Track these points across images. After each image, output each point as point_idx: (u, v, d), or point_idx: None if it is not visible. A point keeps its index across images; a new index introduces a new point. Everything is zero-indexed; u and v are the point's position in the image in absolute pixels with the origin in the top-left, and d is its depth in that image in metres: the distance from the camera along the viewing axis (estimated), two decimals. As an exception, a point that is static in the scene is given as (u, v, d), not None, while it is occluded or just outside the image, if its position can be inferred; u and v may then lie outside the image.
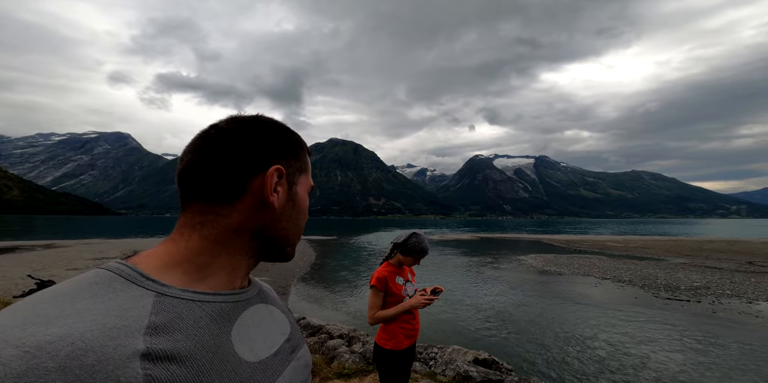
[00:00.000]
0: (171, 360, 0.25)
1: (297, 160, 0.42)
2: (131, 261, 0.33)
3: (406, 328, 1.82)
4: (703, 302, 7.95)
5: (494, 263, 15.12)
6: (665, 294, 8.79)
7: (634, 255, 17.98)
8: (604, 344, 5.35)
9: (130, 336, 0.24)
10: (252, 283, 0.44)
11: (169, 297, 0.30)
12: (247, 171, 0.36)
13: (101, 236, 30.61)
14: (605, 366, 4.53)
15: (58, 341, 0.22)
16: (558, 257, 17.01)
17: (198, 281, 0.34)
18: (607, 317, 6.83)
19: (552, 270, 12.70)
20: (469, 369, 3.37)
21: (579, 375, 4.28)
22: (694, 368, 4.50)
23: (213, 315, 0.32)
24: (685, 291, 9.04)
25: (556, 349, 5.16)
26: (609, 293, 9.00)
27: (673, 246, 23.06)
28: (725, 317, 6.80)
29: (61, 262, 13.16)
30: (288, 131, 0.43)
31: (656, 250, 20.55)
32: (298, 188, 0.42)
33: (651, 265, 13.91)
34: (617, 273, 11.79)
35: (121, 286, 0.28)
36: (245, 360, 0.32)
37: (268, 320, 0.42)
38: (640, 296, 8.61)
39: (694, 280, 10.53)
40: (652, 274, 11.62)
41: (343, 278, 11.28)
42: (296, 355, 0.43)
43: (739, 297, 8.41)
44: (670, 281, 10.40)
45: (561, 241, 28.34)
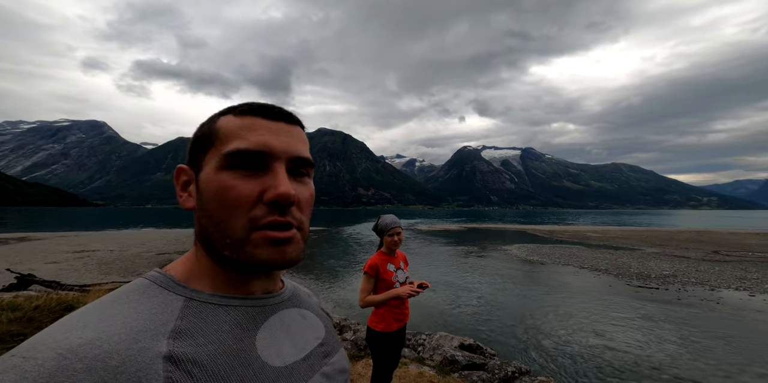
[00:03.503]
0: (193, 363, 0.26)
1: (201, 142, 0.35)
2: (165, 269, 0.35)
3: (395, 312, 2.00)
4: (671, 289, 8.56)
5: (480, 253, 15.62)
6: (637, 282, 9.39)
7: (611, 245, 18.91)
8: (579, 329, 5.75)
9: (155, 339, 0.26)
10: (285, 287, 0.43)
11: (197, 302, 0.31)
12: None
13: (79, 228, 29.51)
14: (578, 349, 4.90)
15: (87, 344, 0.23)
16: (540, 247, 17.71)
17: (220, 287, 0.34)
18: (583, 304, 7.28)
19: (535, 260, 13.25)
20: (455, 354, 3.60)
21: (555, 357, 4.62)
22: (656, 348, 4.94)
23: (238, 320, 0.33)
24: (655, 279, 9.68)
25: (535, 334, 5.51)
26: (586, 281, 9.53)
27: (648, 236, 24.35)
28: (689, 303, 7.36)
29: (38, 255, 12.74)
30: (201, 122, 0.38)
31: (632, 240, 21.66)
32: (202, 173, 0.34)
33: (626, 255, 14.71)
34: (594, 262, 12.43)
35: (155, 292, 0.30)
36: (269, 365, 0.32)
37: (300, 324, 0.41)
38: (614, 284, 9.16)
39: (663, 269, 11.25)
40: (626, 263, 12.32)
41: (332, 269, 11.44)
42: (329, 360, 0.42)
43: (703, 284, 9.08)
44: (642, 269, 11.08)
45: (544, 231, 29.36)
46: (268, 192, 0.32)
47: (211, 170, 0.33)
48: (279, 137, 0.34)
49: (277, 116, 0.36)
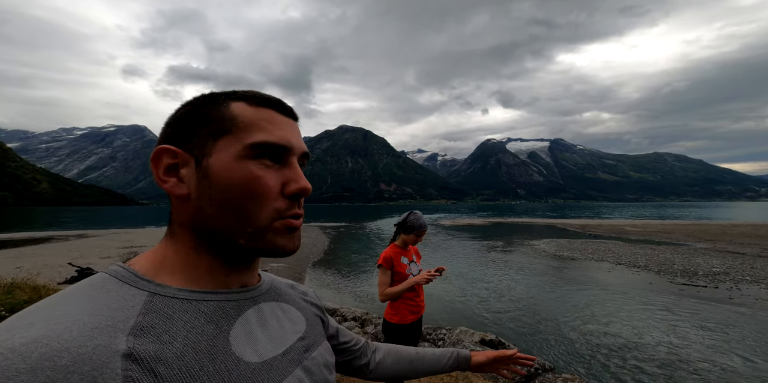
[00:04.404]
0: (156, 361, 0.25)
1: (206, 125, 0.33)
2: (128, 263, 0.33)
3: (410, 304, 1.99)
4: (721, 287, 7.80)
5: (505, 247, 15.13)
6: (681, 279, 8.66)
7: (652, 240, 17.56)
8: (613, 328, 5.41)
9: (112, 336, 0.24)
10: (263, 280, 0.41)
11: (162, 297, 0.29)
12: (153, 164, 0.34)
13: (127, 226, 32.23)
14: (612, 350, 4.61)
15: (32, 342, 0.22)
16: (572, 242, 16.82)
17: (196, 280, 0.33)
18: (618, 302, 6.84)
19: (565, 255, 12.63)
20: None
21: (583, 357, 4.39)
22: (703, 352, 4.53)
23: (210, 315, 0.31)
24: (703, 277, 8.87)
25: (561, 332, 5.26)
26: (622, 278, 8.94)
27: (695, 231, 22.32)
28: (742, 302, 6.67)
29: (94, 251, 14.08)
30: (190, 101, 0.35)
31: (676, 235, 19.97)
32: (213, 160, 0.32)
33: (669, 250, 13.60)
34: (633, 258, 11.62)
35: (114, 287, 0.28)
36: (244, 361, 0.31)
37: (279, 318, 0.40)
38: (655, 281, 8.51)
39: (713, 265, 10.28)
40: (669, 259, 11.39)
41: (354, 263, 11.61)
42: (310, 354, 0.41)
43: (759, 282, 8.19)
44: (688, 266, 10.19)
45: (576, 226, 27.85)
46: (290, 185, 0.34)
47: (230, 158, 0.32)
48: (294, 133, 0.36)
49: (288, 113, 0.38)
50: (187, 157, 0.33)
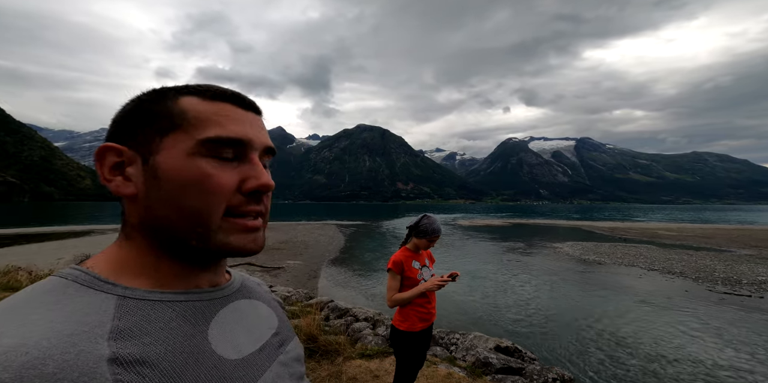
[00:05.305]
0: (142, 364, 0.25)
1: (152, 121, 0.32)
2: (85, 265, 0.31)
3: (420, 311, 1.86)
4: (767, 297, 7.08)
5: (526, 249, 14.57)
6: (722, 287, 7.94)
7: (689, 245, 16.31)
8: (643, 338, 5.01)
9: (93, 341, 0.23)
10: (233, 279, 0.41)
11: (133, 300, 0.28)
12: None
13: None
14: (641, 363, 4.26)
15: (10, 351, 0.20)
16: (599, 245, 15.94)
17: (162, 282, 0.32)
18: (649, 310, 6.35)
19: (591, 259, 11.96)
20: (489, 356, 3.36)
21: (607, 368, 4.08)
22: (743, 367, 4.08)
23: (185, 315, 0.31)
24: (747, 285, 8.09)
25: (585, 341, 4.93)
26: (655, 285, 8.33)
27: (739, 236, 20.53)
28: (796, 316, 6.00)
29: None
30: (137, 96, 0.34)
31: (717, 240, 18.44)
32: (161, 157, 0.31)
33: (709, 256, 12.55)
34: (667, 264, 10.81)
35: (77, 292, 0.27)
36: (225, 358, 0.31)
37: (252, 315, 0.40)
38: (692, 289, 7.86)
39: (759, 274, 9.36)
40: (708, 266, 10.50)
41: (369, 263, 11.57)
42: (285, 349, 0.41)
43: (817, 294, 7.36)
44: (731, 274, 9.34)
45: (604, 228, 26.42)
46: (248, 182, 0.32)
47: (179, 155, 0.31)
48: (253, 127, 0.34)
49: (248, 106, 0.36)
50: (132, 155, 0.31)
